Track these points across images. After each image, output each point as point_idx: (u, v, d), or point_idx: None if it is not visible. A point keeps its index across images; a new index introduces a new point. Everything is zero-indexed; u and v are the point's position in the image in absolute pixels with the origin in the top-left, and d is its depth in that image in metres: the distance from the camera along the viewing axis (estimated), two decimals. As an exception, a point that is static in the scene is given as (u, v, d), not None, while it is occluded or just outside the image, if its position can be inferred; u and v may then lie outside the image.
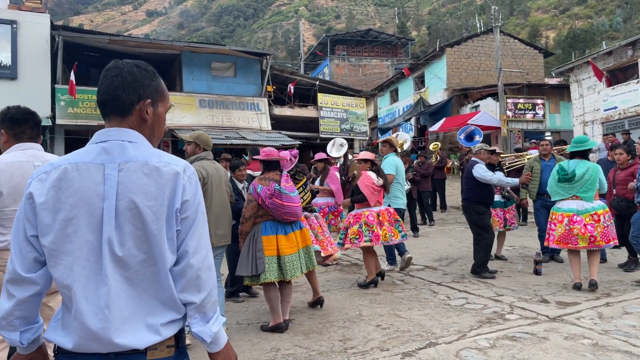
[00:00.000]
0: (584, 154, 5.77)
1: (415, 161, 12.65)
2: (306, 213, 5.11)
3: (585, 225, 5.45)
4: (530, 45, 30.14)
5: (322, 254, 5.14)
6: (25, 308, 1.46)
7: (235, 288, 5.76)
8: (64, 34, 16.55)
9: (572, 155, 5.81)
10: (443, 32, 66.87)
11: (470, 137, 12.95)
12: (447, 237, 9.92)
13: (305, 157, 15.22)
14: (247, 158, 9.83)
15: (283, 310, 4.62)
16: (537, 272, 6.48)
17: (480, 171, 6.43)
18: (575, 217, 5.50)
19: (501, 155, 10.23)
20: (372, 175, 6.11)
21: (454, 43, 28.20)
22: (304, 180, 5.23)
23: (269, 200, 4.40)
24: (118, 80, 1.51)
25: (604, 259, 7.14)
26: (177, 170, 1.47)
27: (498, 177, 6.57)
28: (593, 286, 5.49)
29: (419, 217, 11.84)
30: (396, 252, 7.01)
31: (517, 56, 26.55)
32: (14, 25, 15.70)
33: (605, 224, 5.50)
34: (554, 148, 10.83)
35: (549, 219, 5.87)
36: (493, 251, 7.78)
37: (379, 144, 7.71)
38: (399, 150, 10.36)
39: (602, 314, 4.70)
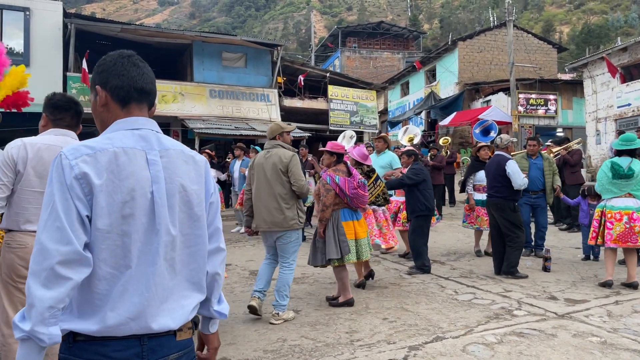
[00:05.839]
0: (631, 152, 5.67)
1: (426, 155, 12.58)
2: (374, 207, 5.51)
3: None
4: (543, 40, 29.73)
5: (384, 247, 5.53)
6: (72, 294, 1.33)
7: None
8: (76, 22, 16.58)
9: (619, 153, 5.69)
10: (455, 26, 66.30)
11: (486, 132, 12.81)
12: (455, 232, 9.87)
13: (314, 149, 15.18)
14: (257, 148, 9.88)
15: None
16: (545, 269, 6.44)
17: (516, 168, 6.19)
18: (634, 214, 5.44)
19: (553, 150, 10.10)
20: None
21: (466, 37, 27.89)
22: (376, 175, 5.66)
23: (353, 191, 4.75)
24: (153, 75, 1.62)
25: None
26: (205, 160, 1.64)
27: (525, 181, 6.28)
28: (635, 287, 5.48)
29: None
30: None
31: (530, 51, 26.21)
32: (27, 12, 15.75)
33: None
34: (560, 147, 10.71)
35: (600, 218, 5.67)
36: (483, 247, 7.74)
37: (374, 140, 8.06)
38: (407, 144, 10.36)
39: (611, 312, 4.67)
